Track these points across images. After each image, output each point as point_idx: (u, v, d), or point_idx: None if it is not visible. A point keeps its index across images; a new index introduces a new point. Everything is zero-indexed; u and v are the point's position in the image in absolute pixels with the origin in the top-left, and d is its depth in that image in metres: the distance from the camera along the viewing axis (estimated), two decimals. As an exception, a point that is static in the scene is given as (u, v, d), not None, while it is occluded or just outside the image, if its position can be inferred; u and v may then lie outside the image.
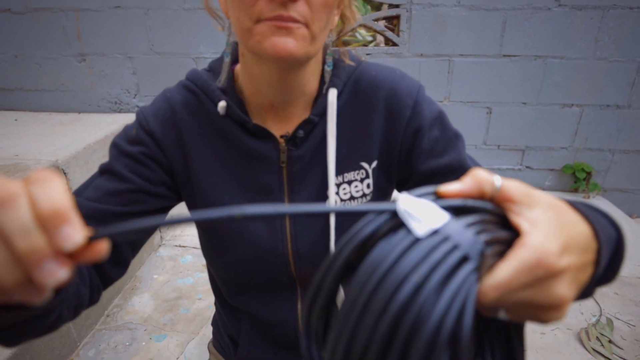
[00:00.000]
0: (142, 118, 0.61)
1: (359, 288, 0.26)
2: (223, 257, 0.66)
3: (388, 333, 0.25)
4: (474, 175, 0.31)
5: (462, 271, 0.25)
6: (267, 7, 0.46)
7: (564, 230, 0.29)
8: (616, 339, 1.41)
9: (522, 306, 0.29)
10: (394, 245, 0.26)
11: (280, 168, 0.61)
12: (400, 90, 0.60)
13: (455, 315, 0.24)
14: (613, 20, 2.08)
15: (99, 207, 0.57)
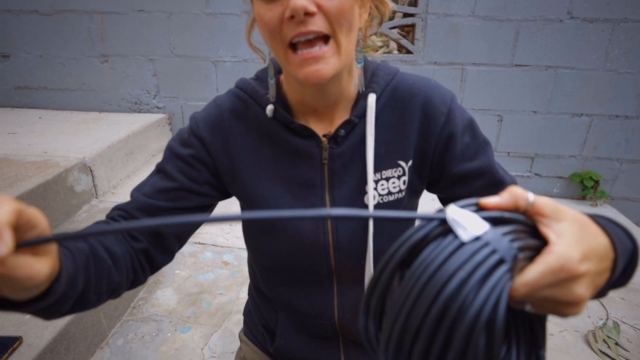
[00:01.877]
0: (194, 123, 0.68)
1: (415, 280, 0.33)
2: (267, 247, 0.71)
3: (438, 317, 0.31)
4: (511, 192, 0.37)
5: (499, 271, 0.32)
6: (288, 27, 0.51)
7: (585, 241, 0.36)
8: (622, 342, 1.46)
9: (545, 302, 0.35)
10: (444, 247, 0.33)
11: (322, 164, 0.66)
12: (435, 98, 0.66)
13: (492, 305, 0.31)
14: (623, 33, 2.14)
15: (151, 202, 0.64)
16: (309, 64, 0.53)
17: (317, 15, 0.51)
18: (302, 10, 0.49)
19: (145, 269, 0.64)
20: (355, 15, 0.54)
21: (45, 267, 0.36)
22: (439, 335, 0.31)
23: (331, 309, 0.73)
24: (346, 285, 0.72)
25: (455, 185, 0.68)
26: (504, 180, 0.68)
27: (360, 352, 0.78)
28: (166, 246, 0.66)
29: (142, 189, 0.66)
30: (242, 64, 2.45)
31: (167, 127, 2.62)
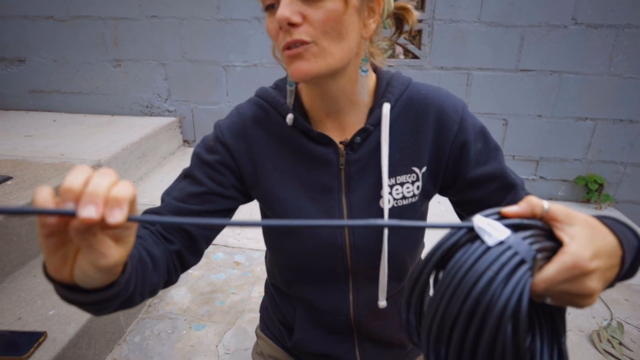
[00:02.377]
0: (219, 131, 0.72)
1: (450, 279, 0.38)
2: (287, 248, 0.75)
3: (471, 310, 0.37)
4: (528, 200, 0.42)
5: (521, 270, 0.37)
6: (281, 36, 0.57)
7: (595, 242, 0.41)
8: (626, 342, 1.49)
9: (563, 295, 0.40)
10: (473, 251, 0.38)
11: (339, 170, 0.70)
12: (448, 107, 0.69)
13: (516, 298, 0.36)
14: (627, 39, 2.17)
15: (182, 206, 0.68)
16: (293, 61, 0.57)
17: (303, 25, 0.55)
18: (285, 21, 0.54)
19: (178, 270, 0.68)
20: (347, 24, 0.57)
21: (118, 254, 0.39)
22: (473, 326, 0.37)
23: (347, 306, 0.77)
24: (361, 283, 0.75)
25: (469, 189, 0.72)
26: (515, 183, 0.71)
27: (374, 346, 0.82)
28: (197, 247, 0.70)
29: (172, 193, 0.70)
30: (251, 69, 2.50)
31: (177, 131, 2.67)
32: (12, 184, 1.58)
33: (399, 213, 0.71)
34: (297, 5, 0.55)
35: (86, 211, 0.34)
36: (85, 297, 0.43)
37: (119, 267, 0.41)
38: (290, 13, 0.54)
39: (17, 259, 1.43)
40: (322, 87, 0.64)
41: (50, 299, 1.31)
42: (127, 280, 0.47)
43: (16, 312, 1.25)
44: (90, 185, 0.35)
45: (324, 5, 0.55)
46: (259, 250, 1.94)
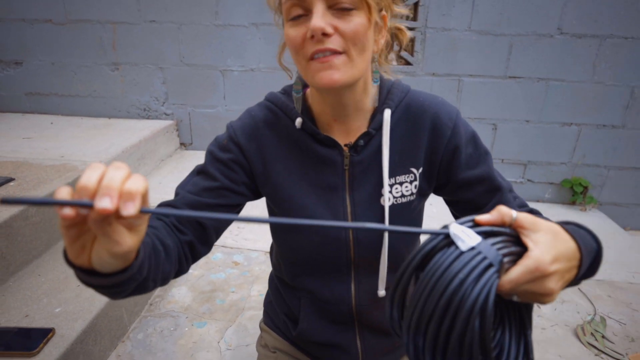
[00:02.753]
0: (232, 131, 0.77)
1: (428, 280, 0.44)
2: (294, 243, 0.80)
3: (445, 307, 0.42)
4: (499, 210, 0.48)
5: (488, 272, 0.43)
6: (310, 45, 0.60)
7: (556, 247, 0.47)
8: (609, 335, 1.57)
9: (527, 293, 0.46)
10: (448, 255, 0.44)
11: (343, 170, 0.76)
12: (443, 114, 0.75)
13: (484, 297, 0.42)
14: (609, 48, 2.28)
15: (197, 199, 0.73)
16: (324, 69, 0.61)
17: (334, 36, 0.60)
18: (320, 31, 0.58)
19: (189, 260, 0.72)
20: (369, 38, 0.63)
21: (131, 241, 0.43)
22: (446, 320, 0.42)
23: (349, 296, 0.82)
24: (362, 275, 0.80)
25: (459, 190, 0.78)
26: (502, 186, 0.77)
27: (374, 335, 0.86)
28: (207, 238, 0.75)
29: (186, 187, 0.75)
30: (248, 73, 2.56)
31: (174, 134, 2.71)
32: (15, 185, 1.61)
33: (398, 210, 0.77)
34: (328, 17, 0.59)
35: (102, 203, 0.36)
36: (102, 280, 0.47)
37: (132, 253, 0.45)
38: (324, 24, 0.58)
39: (21, 258, 1.46)
40: (339, 95, 0.69)
41: (56, 297, 1.35)
42: (140, 265, 0.50)
43: (23, 310, 1.28)
44: (105, 179, 0.38)
45: (353, 20, 0.60)
46: (257, 251, 1.98)
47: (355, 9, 0.60)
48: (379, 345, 0.88)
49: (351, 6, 0.59)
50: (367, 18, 0.61)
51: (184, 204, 0.72)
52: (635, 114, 2.40)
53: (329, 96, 0.70)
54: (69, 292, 1.37)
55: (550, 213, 2.54)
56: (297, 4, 0.60)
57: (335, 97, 0.70)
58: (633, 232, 2.60)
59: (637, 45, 2.26)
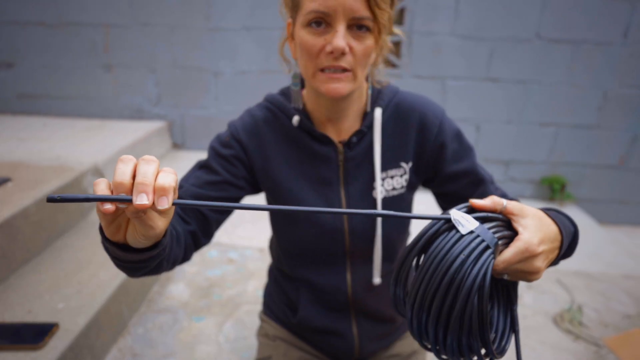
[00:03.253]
0: (234, 129, 0.83)
1: (432, 260, 0.49)
2: (293, 234, 0.87)
3: (447, 285, 0.48)
4: (492, 198, 0.55)
5: (486, 254, 0.48)
6: (325, 58, 0.67)
7: (542, 230, 0.54)
8: (585, 322, 1.68)
9: (516, 272, 0.53)
10: (450, 238, 0.49)
11: (338, 165, 0.80)
12: (429, 113, 0.83)
13: (482, 276, 0.47)
14: (584, 53, 2.41)
15: (200, 191, 0.79)
16: (332, 82, 0.68)
17: (348, 55, 0.67)
18: (341, 51, 0.65)
19: (191, 248, 0.78)
20: (372, 57, 0.71)
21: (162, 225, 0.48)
22: (448, 297, 0.48)
23: (345, 285, 0.88)
24: (357, 264, 0.87)
25: (446, 183, 0.85)
26: (484, 178, 0.85)
27: (369, 321, 0.93)
28: (209, 229, 0.80)
29: (189, 180, 0.80)
30: (240, 76, 2.61)
31: (167, 135, 2.74)
32: (13, 186, 1.63)
33: (389, 202, 0.83)
34: (347, 37, 0.66)
35: (140, 200, 0.40)
36: (135, 255, 0.53)
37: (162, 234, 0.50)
38: (345, 44, 0.65)
39: (22, 256, 1.49)
40: (336, 101, 0.76)
41: (58, 293, 1.38)
42: (165, 244, 0.55)
43: (25, 306, 1.32)
44: (139, 176, 0.41)
45: (365, 42, 0.67)
46: (251, 248, 2.04)
47: (369, 30, 0.66)
48: (374, 331, 0.94)
49: (366, 31, 0.66)
50: (375, 40, 0.68)
51: (188, 196, 0.77)
52: (607, 115, 2.53)
53: (327, 100, 0.77)
54: (70, 289, 1.41)
55: (531, 209, 2.65)
56: (321, 16, 0.65)
57: (333, 102, 0.77)
58: (608, 227, 2.73)
59: (609, 51, 2.39)
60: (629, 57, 2.40)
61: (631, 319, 1.72)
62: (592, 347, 1.54)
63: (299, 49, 0.71)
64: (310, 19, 0.66)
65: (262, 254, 2.00)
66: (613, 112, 2.53)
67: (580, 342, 1.57)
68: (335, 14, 0.64)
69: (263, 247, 2.02)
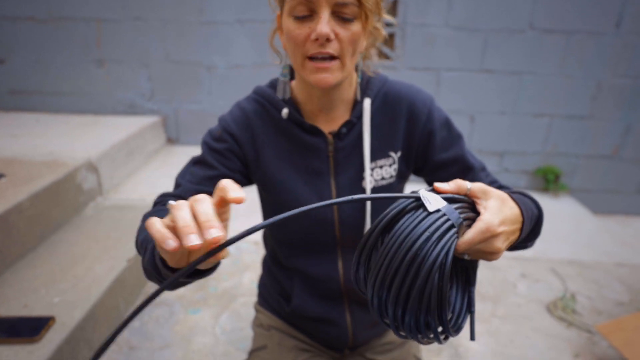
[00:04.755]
0: (225, 123, 0.83)
1: (397, 237, 0.49)
2: (285, 225, 0.87)
3: (409, 262, 0.47)
4: (456, 181, 0.56)
5: (450, 232, 0.49)
6: (311, 46, 0.67)
7: (503, 211, 0.55)
8: (578, 309, 1.70)
9: (477, 252, 0.54)
10: (417, 215, 0.49)
11: (328, 156, 0.81)
12: (418, 101, 0.83)
13: (444, 254, 0.48)
14: (576, 43, 2.41)
15: (198, 187, 0.79)
16: (320, 72, 0.68)
17: (334, 41, 0.66)
18: (325, 37, 0.65)
19: None
20: (360, 43, 0.70)
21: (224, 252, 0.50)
22: (410, 274, 0.48)
23: (337, 274, 0.89)
24: (348, 253, 0.87)
25: (435, 171, 0.86)
26: (474, 165, 0.85)
27: (362, 309, 0.93)
28: None
29: (186, 177, 0.81)
30: (233, 70, 2.60)
31: (162, 130, 2.73)
32: (6, 182, 1.63)
33: (378, 192, 0.84)
34: (332, 23, 0.65)
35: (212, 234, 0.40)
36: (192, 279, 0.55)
37: None
38: (329, 30, 0.65)
39: (16, 251, 1.49)
40: (328, 91, 0.76)
41: (54, 287, 1.38)
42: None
43: (21, 301, 1.32)
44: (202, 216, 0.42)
45: (352, 28, 0.67)
46: (246, 241, 2.04)
47: (355, 17, 0.66)
48: (367, 319, 0.95)
49: (352, 17, 0.66)
50: (362, 26, 0.68)
51: (187, 193, 0.78)
52: (601, 105, 2.55)
53: (317, 90, 0.77)
54: (66, 283, 1.41)
55: (525, 200, 2.67)
56: (304, 3, 0.65)
57: (322, 91, 0.77)
58: (601, 216, 2.76)
59: (602, 41, 2.40)
60: (622, 47, 2.41)
61: (624, 306, 1.74)
62: (584, 334, 1.57)
63: (286, 38, 0.71)
64: (294, 9, 0.66)
65: (257, 246, 2.00)
66: (606, 102, 2.54)
67: (573, 329, 1.59)
68: (318, 1, 0.64)
69: (258, 240, 2.03)
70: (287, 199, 0.83)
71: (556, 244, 2.19)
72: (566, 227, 2.37)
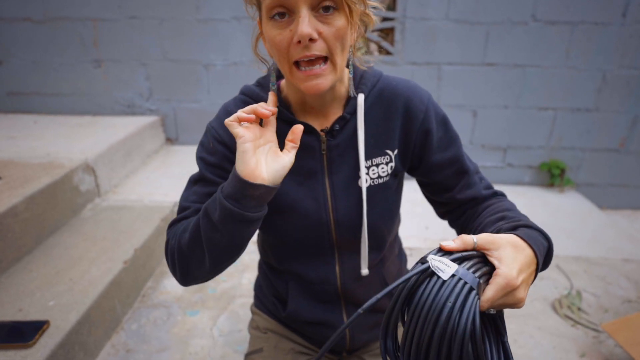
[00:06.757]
0: (214, 132, 0.78)
1: (419, 312, 0.49)
2: (278, 226, 0.84)
3: (440, 335, 0.47)
4: (461, 238, 0.54)
5: (471, 296, 0.48)
6: (295, 50, 0.62)
7: (518, 260, 0.54)
8: (584, 307, 1.66)
9: (500, 305, 0.52)
10: (432, 286, 0.49)
11: (321, 155, 0.78)
12: (415, 98, 0.79)
13: (472, 321, 0.47)
14: (581, 34, 2.36)
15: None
16: (310, 79, 0.64)
17: (319, 41, 0.61)
18: (307, 37, 0.59)
19: None
20: (348, 37, 0.65)
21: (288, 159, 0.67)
22: (443, 347, 0.47)
23: (334, 276, 0.86)
24: (345, 255, 0.84)
25: (430, 172, 0.83)
26: (469, 169, 0.82)
27: None
28: None
29: (190, 199, 0.78)
30: (232, 67, 2.57)
31: (160, 129, 2.72)
32: (2, 184, 1.62)
33: (375, 190, 0.81)
34: (313, 22, 0.60)
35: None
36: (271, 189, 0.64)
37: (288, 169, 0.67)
38: (311, 30, 0.59)
39: (12, 255, 1.48)
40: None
41: (49, 290, 1.37)
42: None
43: (16, 305, 1.31)
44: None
45: (336, 23, 0.61)
46: (247, 241, 2.02)
47: (337, 9, 0.61)
48: (365, 321, 0.92)
49: (333, 4, 0.61)
50: (347, 18, 0.62)
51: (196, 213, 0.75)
52: (606, 97, 2.49)
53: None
54: (61, 286, 1.40)
55: (530, 195, 2.63)
56: (280, 4, 0.60)
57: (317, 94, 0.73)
58: (608, 211, 2.71)
59: (607, 31, 2.34)
60: (628, 38, 2.35)
61: (631, 303, 1.70)
62: (591, 333, 1.53)
63: (269, 45, 0.67)
64: (270, 11, 0.62)
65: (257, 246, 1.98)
66: (612, 94, 2.48)
67: (578, 327, 1.56)
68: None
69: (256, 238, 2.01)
70: (280, 201, 0.80)
71: (561, 240, 2.15)
72: (572, 222, 2.33)
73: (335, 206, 0.80)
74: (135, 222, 1.83)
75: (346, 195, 0.80)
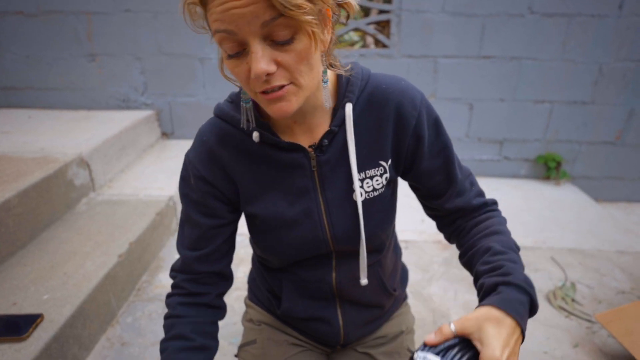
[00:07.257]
0: (192, 167, 0.74)
1: None
2: (273, 247, 0.81)
3: None
4: (440, 330, 0.56)
5: None
6: (256, 84, 0.57)
7: (501, 334, 0.54)
8: (578, 299, 1.67)
9: None
10: None
11: (312, 172, 0.73)
12: (406, 102, 0.73)
13: None
14: (578, 27, 2.35)
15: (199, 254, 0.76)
16: (274, 102, 0.59)
17: (278, 71, 0.56)
18: (263, 75, 0.54)
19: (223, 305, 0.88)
20: (315, 56, 0.58)
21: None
22: None
23: (330, 276, 0.84)
24: (343, 261, 0.82)
25: (421, 178, 0.80)
26: (456, 177, 0.80)
27: (355, 308, 0.90)
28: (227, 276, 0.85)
29: (184, 244, 0.78)
30: (227, 61, 2.56)
31: (156, 124, 2.71)
32: (-5, 179, 1.61)
33: (371, 203, 0.77)
34: (268, 53, 0.54)
35: None
36: None
37: None
38: (267, 65, 0.54)
39: (6, 249, 1.47)
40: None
41: (43, 285, 1.37)
42: None
43: (10, 299, 1.30)
44: None
45: (295, 48, 0.55)
46: (241, 235, 2.01)
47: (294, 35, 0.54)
48: (360, 317, 0.92)
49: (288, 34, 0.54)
50: (308, 37, 0.55)
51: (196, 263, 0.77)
52: (603, 90, 2.49)
53: None
54: (56, 280, 1.40)
55: (526, 188, 2.63)
56: (229, 39, 0.54)
57: None
58: (604, 204, 2.71)
59: (604, 23, 2.33)
60: (625, 30, 2.34)
61: (625, 294, 1.71)
62: (584, 324, 1.54)
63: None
64: (221, 44, 0.56)
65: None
66: (609, 86, 2.48)
67: (572, 318, 1.56)
68: (240, 31, 0.52)
69: (254, 233, 2.00)
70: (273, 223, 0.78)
71: (557, 232, 2.15)
72: (567, 215, 2.33)
73: (331, 222, 0.77)
74: (131, 216, 1.83)
75: (342, 210, 0.76)
